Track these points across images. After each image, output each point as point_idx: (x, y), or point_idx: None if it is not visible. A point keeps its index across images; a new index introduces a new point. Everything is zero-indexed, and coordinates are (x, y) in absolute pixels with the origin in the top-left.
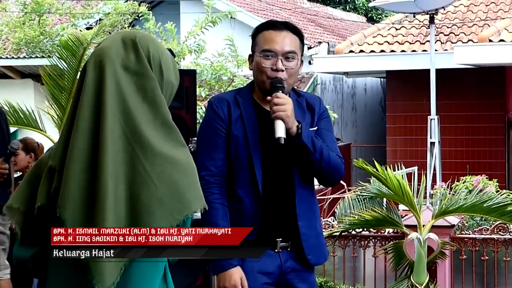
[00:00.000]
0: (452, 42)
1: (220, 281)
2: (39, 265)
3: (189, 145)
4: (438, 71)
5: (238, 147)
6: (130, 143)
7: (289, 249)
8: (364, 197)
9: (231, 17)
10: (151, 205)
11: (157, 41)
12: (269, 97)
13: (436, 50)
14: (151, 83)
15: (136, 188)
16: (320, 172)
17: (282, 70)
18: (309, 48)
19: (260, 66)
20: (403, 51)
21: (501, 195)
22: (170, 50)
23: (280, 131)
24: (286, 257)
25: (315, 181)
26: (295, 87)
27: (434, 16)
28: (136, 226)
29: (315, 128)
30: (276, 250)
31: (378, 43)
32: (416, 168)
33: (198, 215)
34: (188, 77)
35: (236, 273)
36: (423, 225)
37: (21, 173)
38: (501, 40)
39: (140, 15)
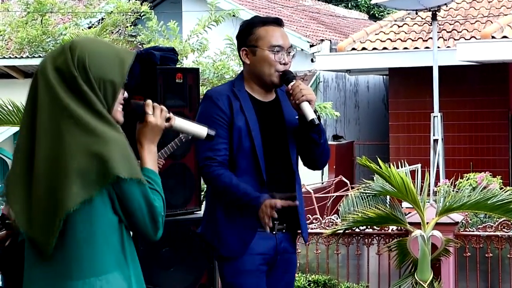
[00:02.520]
0: (454, 39)
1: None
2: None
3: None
4: (440, 68)
5: (241, 137)
6: (57, 117)
7: (284, 230)
8: (367, 194)
9: (233, 15)
10: (73, 175)
11: (90, 44)
12: (289, 86)
13: (438, 47)
14: (72, 79)
15: (63, 160)
16: (319, 155)
17: (288, 64)
18: (311, 46)
19: (269, 60)
20: (405, 48)
21: (505, 192)
22: (173, 50)
23: (311, 113)
24: (281, 239)
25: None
26: None
27: (437, 13)
28: (58, 194)
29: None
30: (274, 232)
31: (380, 41)
32: (419, 165)
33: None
34: (191, 75)
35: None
36: (427, 223)
37: None
38: (504, 37)
39: (142, 14)
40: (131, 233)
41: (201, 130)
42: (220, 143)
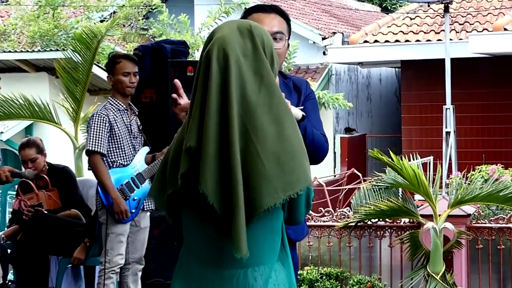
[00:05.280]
0: (467, 31)
1: None
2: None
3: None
4: (453, 60)
5: None
6: (245, 125)
7: None
8: (379, 187)
9: (245, 8)
10: (258, 183)
11: (266, 31)
12: None
13: (451, 39)
14: (266, 69)
15: (247, 168)
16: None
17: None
18: (324, 38)
19: None
20: (417, 40)
21: None
22: (184, 43)
23: None
24: None
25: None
26: (288, 72)
27: (449, 5)
28: (247, 202)
29: (301, 107)
30: None
31: (393, 33)
32: (431, 158)
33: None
34: None
35: None
36: (439, 215)
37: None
38: None
39: (154, 7)
40: None
41: (299, 113)
42: None
